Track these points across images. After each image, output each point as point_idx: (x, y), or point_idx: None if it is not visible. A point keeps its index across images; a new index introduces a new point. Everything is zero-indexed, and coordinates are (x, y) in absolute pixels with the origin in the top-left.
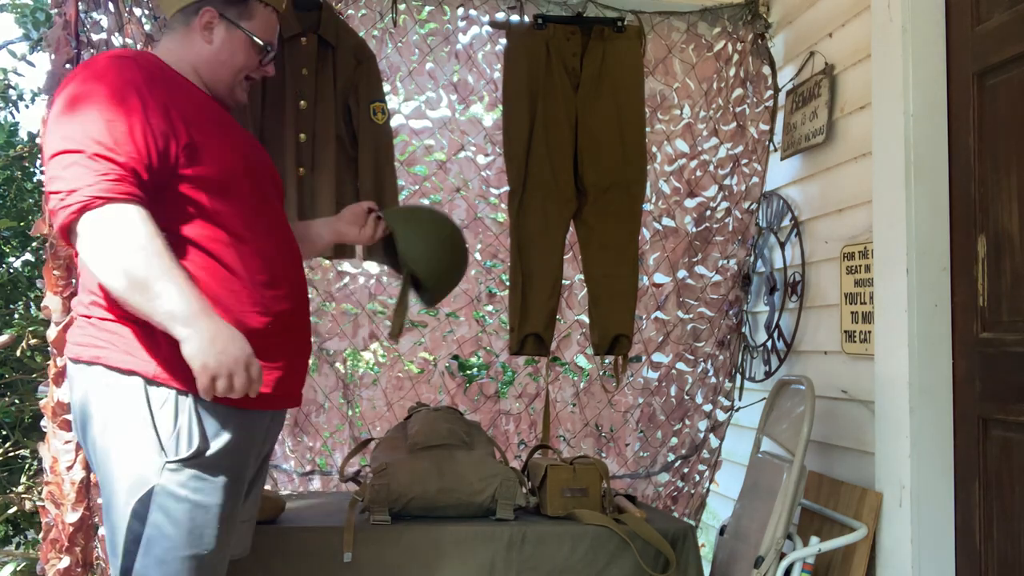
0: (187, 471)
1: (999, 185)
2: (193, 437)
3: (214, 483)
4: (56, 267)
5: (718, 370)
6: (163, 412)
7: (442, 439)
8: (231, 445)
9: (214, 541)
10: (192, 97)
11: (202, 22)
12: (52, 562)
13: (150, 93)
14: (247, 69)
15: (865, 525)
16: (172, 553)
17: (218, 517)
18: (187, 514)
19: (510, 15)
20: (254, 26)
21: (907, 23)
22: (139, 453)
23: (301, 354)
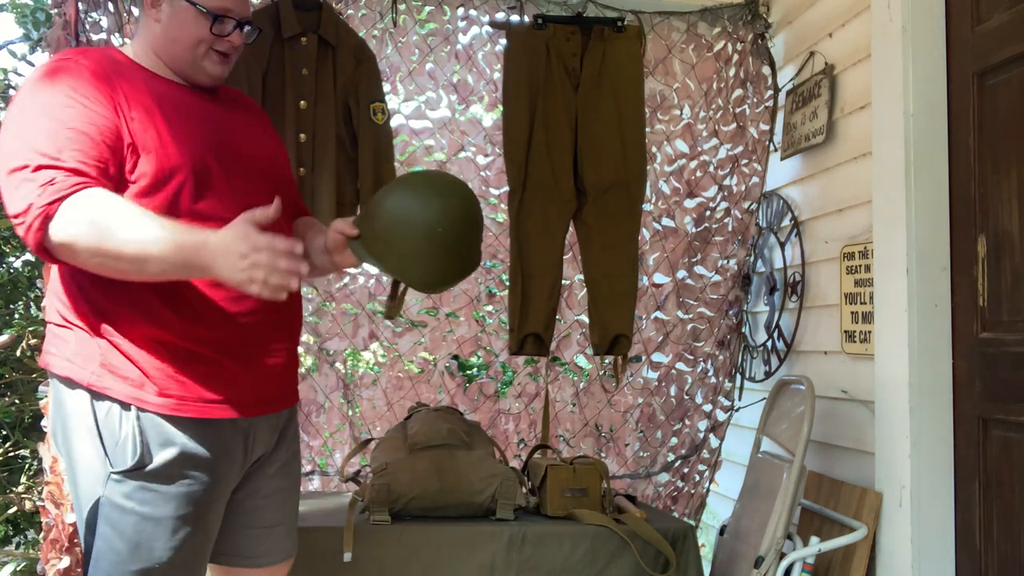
0: (132, 482)
1: (999, 185)
2: (136, 448)
3: (163, 494)
4: None
5: (718, 370)
6: (107, 422)
7: (442, 439)
8: (186, 455)
9: (167, 553)
10: (145, 86)
11: (148, 3)
12: (52, 562)
13: (95, 87)
14: (204, 41)
15: (865, 525)
16: (119, 567)
17: (171, 529)
18: (133, 527)
19: (510, 15)
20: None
21: (907, 23)
22: (87, 464)
23: (266, 357)
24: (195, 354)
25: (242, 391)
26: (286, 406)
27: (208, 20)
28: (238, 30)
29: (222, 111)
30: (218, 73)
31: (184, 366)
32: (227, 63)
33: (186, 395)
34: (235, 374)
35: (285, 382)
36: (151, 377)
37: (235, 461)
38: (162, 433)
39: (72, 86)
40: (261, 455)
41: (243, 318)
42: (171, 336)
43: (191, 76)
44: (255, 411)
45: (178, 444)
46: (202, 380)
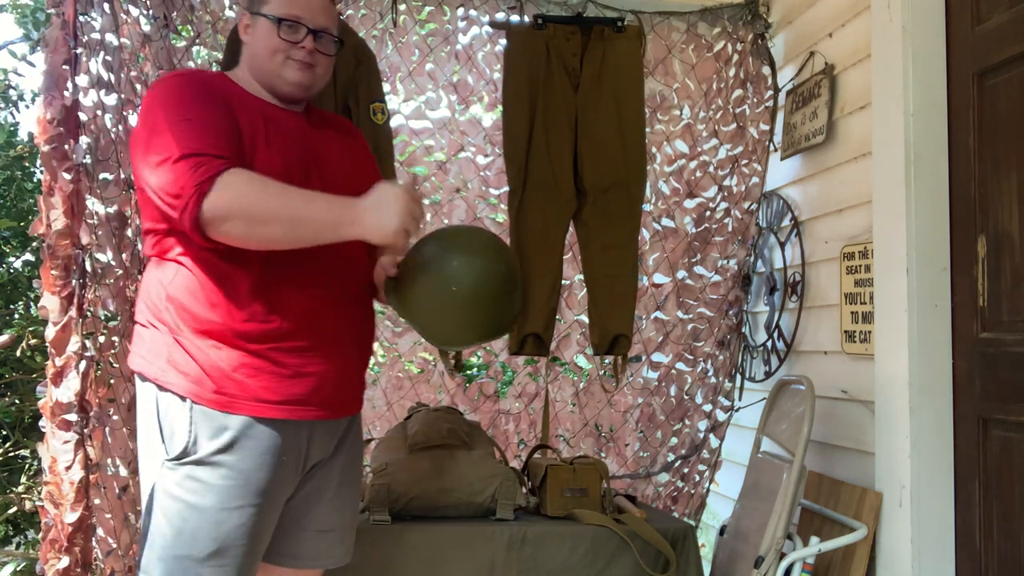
0: (182, 470)
1: (999, 185)
2: (186, 437)
3: (209, 485)
4: (54, 267)
5: (718, 370)
6: (167, 414)
7: (442, 439)
8: (235, 450)
9: (210, 544)
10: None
11: (242, 27)
12: (51, 562)
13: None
14: (279, 50)
15: (865, 525)
16: (166, 551)
17: (214, 520)
18: (179, 514)
19: (510, 15)
20: (270, 7)
21: (907, 23)
22: (149, 452)
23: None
24: (255, 356)
25: (300, 395)
26: (346, 413)
27: (275, 26)
28: (311, 36)
29: (310, 128)
30: (298, 79)
31: (243, 367)
32: (309, 71)
33: (241, 394)
34: (294, 378)
35: (346, 389)
36: (210, 375)
37: (289, 463)
38: (214, 427)
39: (198, 90)
40: (319, 460)
41: (308, 324)
42: (234, 339)
43: (276, 87)
44: (311, 415)
45: (228, 439)
46: (260, 381)
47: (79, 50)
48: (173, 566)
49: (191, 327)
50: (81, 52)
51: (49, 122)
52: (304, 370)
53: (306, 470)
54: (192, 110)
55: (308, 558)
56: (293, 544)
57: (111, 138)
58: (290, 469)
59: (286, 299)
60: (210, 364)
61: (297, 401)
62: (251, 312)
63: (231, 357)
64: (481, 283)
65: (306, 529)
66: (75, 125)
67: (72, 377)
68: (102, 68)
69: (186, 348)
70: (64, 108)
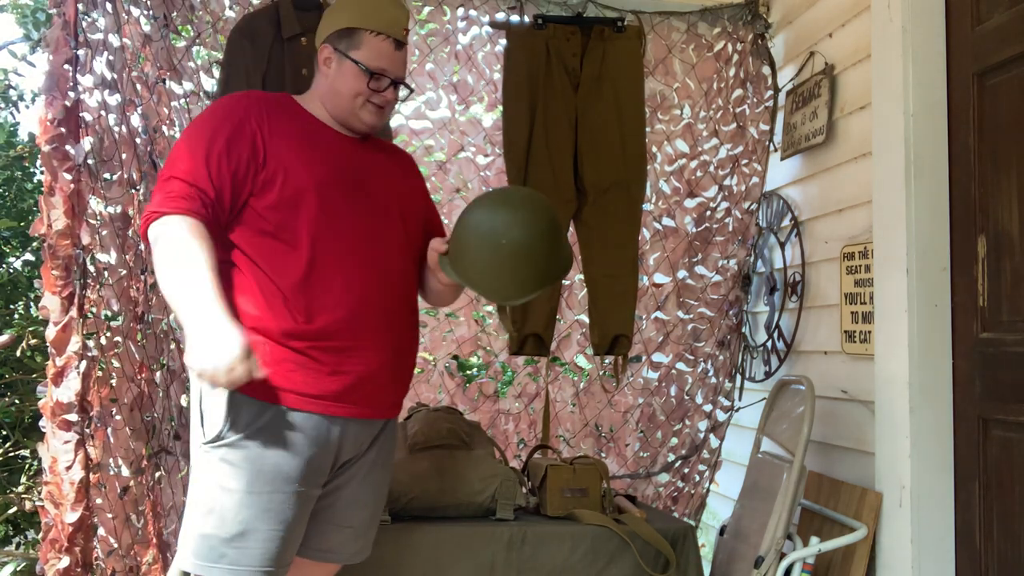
0: (216, 453)
1: (999, 185)
2: (221, 422)
3: (240, 469)
4: (55, 267)
5: (718, 370)
6: (208, 401)
7: (442, 439)
8: (268, 438)
9: (237, 526)
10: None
11: (322, 58)
12: (52, 562)
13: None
14: (361, 94)
15: (865, 525)
16: (196, 529)
17: (242, 503)
18: (208, 492)
19: (510, 15)
20: (361, 55)
21: (907, 23)
22: (194, 436)
23: (370, 362)
24: (298, 353)
25: (335, 391)
26: (382, 416)
27: (366, 77)
28: (392, 87)
29: (363, 153)
30: (372, 122)
31: (285, 362)
32: (382, 115)
33: (279, 386)
34: (331, 375)
35: (384, 391)
36: None
37: (319, 456)
38: (250, 414)
39: (220, 118)
40: (350, 458)
41: (349, 326)
42: (279, 336)
43: (349, 123)
44: (346, 412)
45: (260, 425)
46: (299, 376)
47: (80, 50)
48: (201, 544)
49: (243, 323)
50: (83, 52)
51: (50, 122)
52: (342, 368)
53: (337, 467)
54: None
55: (323, 550)
56: (311, 535)
57: (114, 138)
58: (321, 463)
59: (329, 301)
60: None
61: (332, 397)
62: (295, 312)
63: (275, 351)
64: (527, 233)
65: (327, 523)
66: (76, 125)
67: (72, 377)
68: (105, 68)
69: None
70: (65, 108)
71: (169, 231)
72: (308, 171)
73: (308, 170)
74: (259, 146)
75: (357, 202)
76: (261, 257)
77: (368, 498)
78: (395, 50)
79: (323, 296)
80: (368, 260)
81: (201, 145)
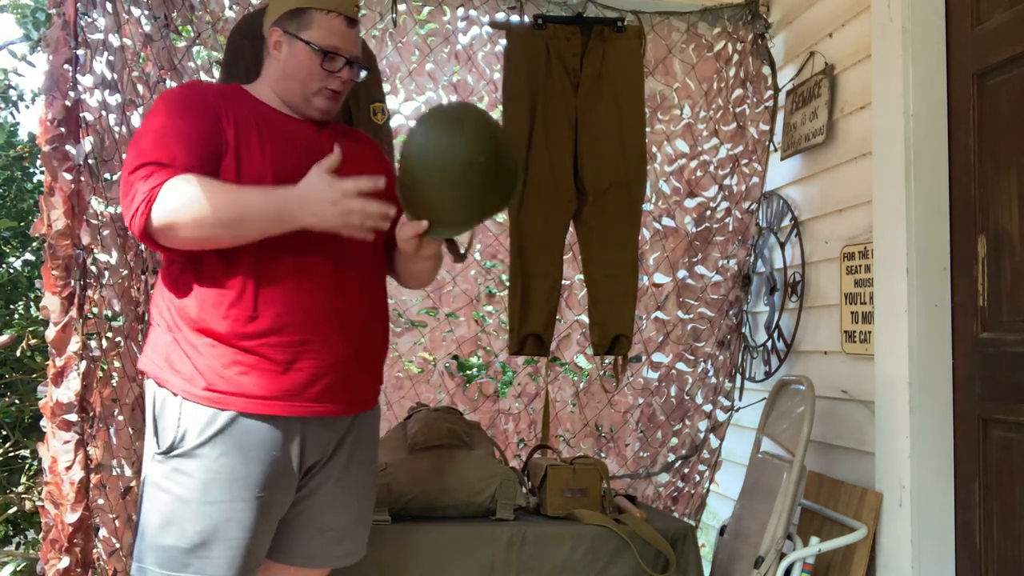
0: (169, 463)
1: (999, 185)
2: (175, 432)
3: (195, 478)
4: (55, 267)
5: (718, 370)
6: (162, 409)
7: (442, 439)
8: (223, 445)
9: (197, 536)
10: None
11: (272, 42)
12: (52, 562)
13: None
14: (314, 78)
15: (865, 525)
16: (154, 541)
17: (200, 513)
18: (166, 505)
19: (510, 15)
20: (313, 34)
21: (907, 23)
22: (146, 445)
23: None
24: (248, 353)
25: (289, 390)
26: (347, 412)
27: (320, 57)
28: (348, 67)
29: (323, 139)
30: (326, 107)
31: (235, 364)
32: (336, 99)
33: (230, 390)
34: (285, 373)
35: (347, 386)
36: (201, 372)
37: (281, 459)
38: (203, 422)
39: (176, 102)
40: (318, 459)
41: (301, 318)
42: (227, 336)
43: (303, 111)
44: (302, 411)
45: (213, 432)
46: (251, 378)
47: (80, 50)
48: (161, 556)
49: (188, 325)
50: (83, 52)
51: (50, 122)
52: (296, 365)
53: (304, 467)
54: (171, 122)
55: (304, 556)
56: (290, 541)
57: (114, 138)
58: (284, 465)
59: (278, 293)
60: (203, 363)
61: (285, 397)
62: (243, 308)
63: (224, 354)
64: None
65: (304, 527)
66: (76, 125)
67: (72, 377)
68: (105, 68)
69: (182, 346)
70: (65, 108)
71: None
72: (265, 159)
73: (265, 158)
74: (221, 132)
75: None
76: (207, 252)
77: (348, 500)
78: (347, 28)
79: (273, 288)
80: (325, 250)
81: (170, 130)
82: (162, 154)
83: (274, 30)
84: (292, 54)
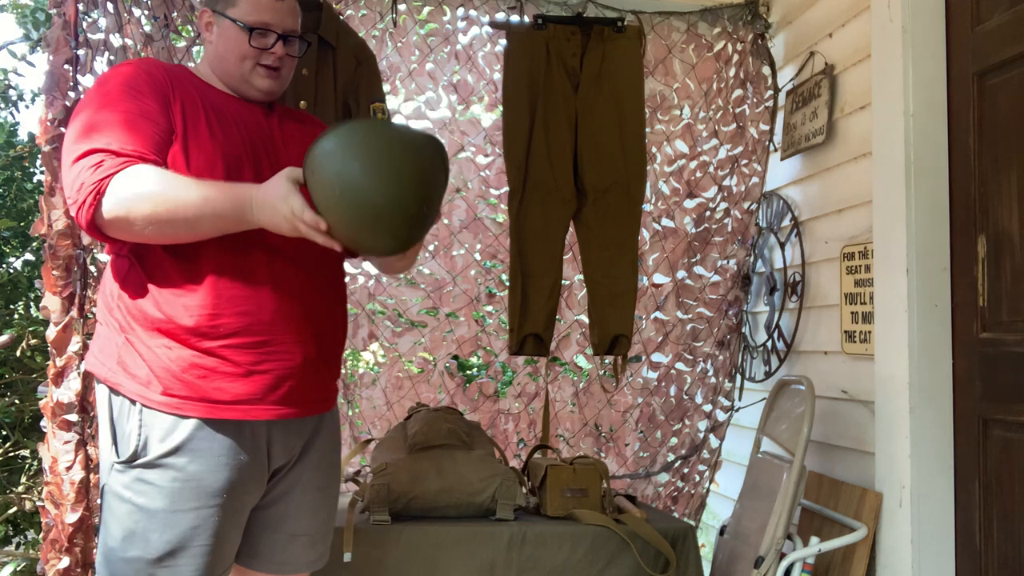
0: (131, 473)
1: (999, 185)
2: (135, 441)
3: (159, 488)
4: (55, 267)
5: (718, 370)
6: (119, 416)
7: (442, 439)
8: (185, 453)
9: (163, 546)
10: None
11: (203, 24)
12: (52, 562)
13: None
14: (248, 56)
15: (865, 525)
16: (115, 553)
17: (165, 523)
18: (129, 515)
19: (510, 15)
20: (238, 11)
21: (907, 23)
22: (104, 454)
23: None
24: (206, 355)
25: (253, 394)
26: (310, 412)
27: (247, 34)
28: (281, 42)
29: (271, 122)
30: (266, 87)
31: (193, 367)
32: (276, 76)
33: (190, 395)
34: (247, 376)
35: (309, 387)
36: (158, 376)
37: (248, 464)
38: (163, 429)
39: (125, 82)
40: (285, 462)
41: (261, 319)
42: (184, 337)
43: (243, 91)
44: (267, 414)
45: (177, 441)
46: (210, 382)
47: (81, 50)
48: (125, 568)
49: (142, 325)
50: (83, 52)
51: (50, 122)
52: (258, 368)
53: (272, 472)
54: (117, 103)
55: (278, 562)
56: (262, 547)
57: None
58: (251, 470)
59: (236, 293)
60: (160, 365)
61: (250, 400)
62: (200, 308)
63: (181, 357)
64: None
65: (276, 532)
66: None
67: (73, 377)
68: (106, 68)
69: (136, 348)
70: (65, 108)
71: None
72: (215, 146)
73: (215, 145)
74: (171, 113)
75: (269, 177)
76: (160, 248)
77: (319, 502)
78: (277, 0)
79: (231, 287)
80: (280, 242)
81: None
82: (112, 139)
83: (203, 11)
84: (221, 33)
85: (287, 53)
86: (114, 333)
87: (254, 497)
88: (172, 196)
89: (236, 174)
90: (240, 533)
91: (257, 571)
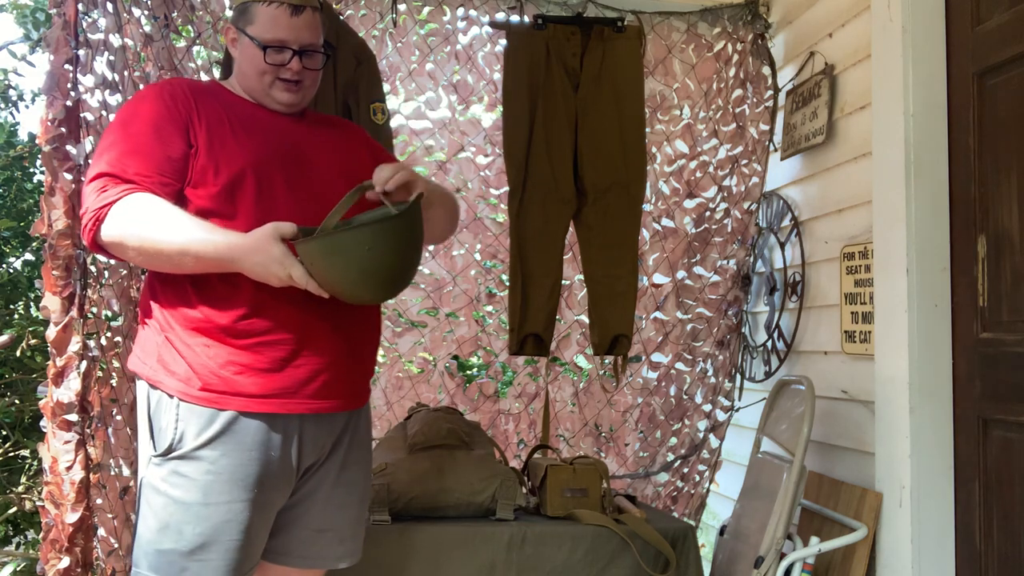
0: (167, 465)
1: (999, 185)
2: (172, 434)
3: (193, 480)
4: (55, 267)
5: (717, 370)
6: (157, 411)
7: (442, 439)
8: (220, 446)
9: (196, 538)
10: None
11: (228, 40)
12: (52, 562)
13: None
14: (266, 72)
15: (865, 525)
16: (152, 545)
17: (198, 515)
18: (164, 508)
19: (510, 15)
20: (255, 29)
21: (907, 23)
22: (142, 448)
23: (323, 354)
24: (242, 351)
25: (286, 388)
26: (341, 408)
27: (262, 51)
28: (297, 58)
29: (300, 129)
30: (287, 100)
31: (230, 363)
32: (296, 90)
33: (227, 390)
34: (280, 372)
35: (341, 383)
36: (197, 372)
37: (279, 459)
38: (200, 424)
39: (144, 105)
40: (316, 459)
41: (295, 317)
42: (221, 335)
43: (266, 104)
44: (299, 408)
45: (212, 434)
46: (246, 377)
47: (81, 50)
48: (159, 560)
49: (181, 324)
50: (83, 52)
51: (51, 122)
52: (291, 363)
53: (302, 468)
54: (133, 128)
55: (304, 557)
56: (289, 543)
57: None
58: (282, 465)
59: (271, 292)
60: (198, 362)
61: (283, 394)
62: (236, 307)
63: (219, 354)
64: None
65: (303, 528)
66: (77, 125)
67: (73, 377)
68: (106, 68)
69: (175, 346)
70: (66, 108)
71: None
72: (243, 154)
73: (243, 153)
74: (192, 132)
75: (299, 182)
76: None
77: (346, 498)
78: (292, 16)
79: (266, 287)
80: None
81: (136, 139)
82: (121, 166)
83: (229, 27)
84: (243, 50)
85: (305, 67)
86: (154, 333)
87: (283, 495)
88: (156, 236)
89: (267, 182)
90: (267, 531)
91: (281, 565)
